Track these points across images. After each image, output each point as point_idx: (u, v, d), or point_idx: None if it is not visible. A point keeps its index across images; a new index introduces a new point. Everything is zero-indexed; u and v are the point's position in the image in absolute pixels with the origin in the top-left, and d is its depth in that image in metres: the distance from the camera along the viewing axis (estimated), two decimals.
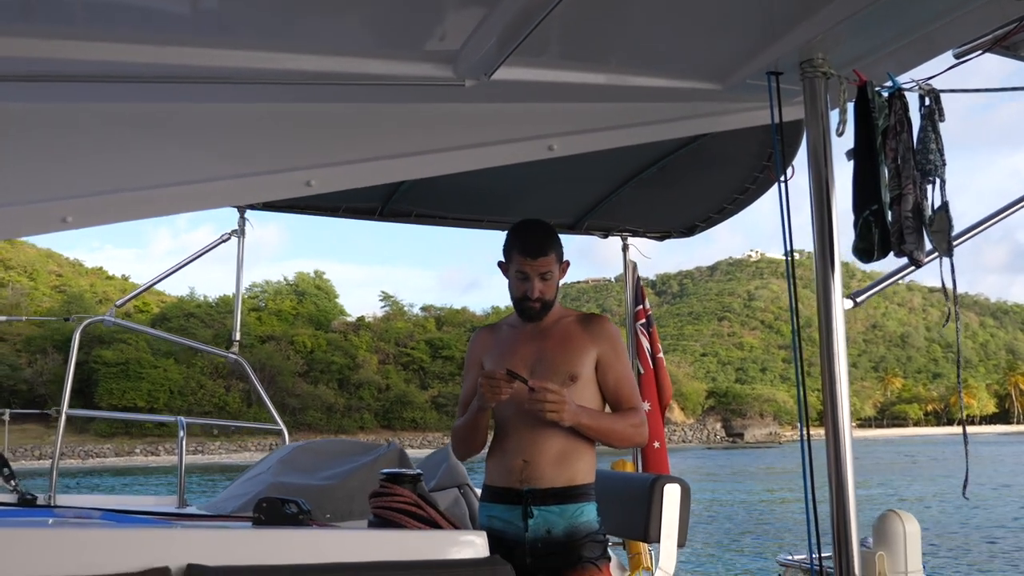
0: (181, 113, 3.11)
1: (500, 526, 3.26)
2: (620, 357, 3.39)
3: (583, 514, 3.23)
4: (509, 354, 3.35)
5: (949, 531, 23.47)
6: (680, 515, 4.51)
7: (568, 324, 3.39)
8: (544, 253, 3.28)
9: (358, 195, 4.68)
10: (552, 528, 3.19)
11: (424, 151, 3.34)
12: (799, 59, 3.08)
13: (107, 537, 2.56)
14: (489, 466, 3.39)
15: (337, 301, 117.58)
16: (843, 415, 3.01)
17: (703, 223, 5.46)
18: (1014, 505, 29.83)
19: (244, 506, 3.55)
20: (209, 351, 6.53)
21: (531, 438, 3.24)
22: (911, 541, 3.31)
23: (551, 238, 3.33)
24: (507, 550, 3.19)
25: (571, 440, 3.25)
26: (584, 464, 3.29)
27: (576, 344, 3.33)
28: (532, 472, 3.22)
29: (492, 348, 3.46)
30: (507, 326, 3.50)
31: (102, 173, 3.01)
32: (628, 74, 3.22)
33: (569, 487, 3.23)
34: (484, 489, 3.38)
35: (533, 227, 3.37)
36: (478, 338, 3.57)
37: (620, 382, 3.35)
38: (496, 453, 3.36)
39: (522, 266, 3.28)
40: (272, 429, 5.42)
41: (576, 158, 3.54)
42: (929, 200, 3.00)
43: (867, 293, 3.43)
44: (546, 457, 3.23)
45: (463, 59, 2.92)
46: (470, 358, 3.56)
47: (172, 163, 3.10)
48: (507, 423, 3.32)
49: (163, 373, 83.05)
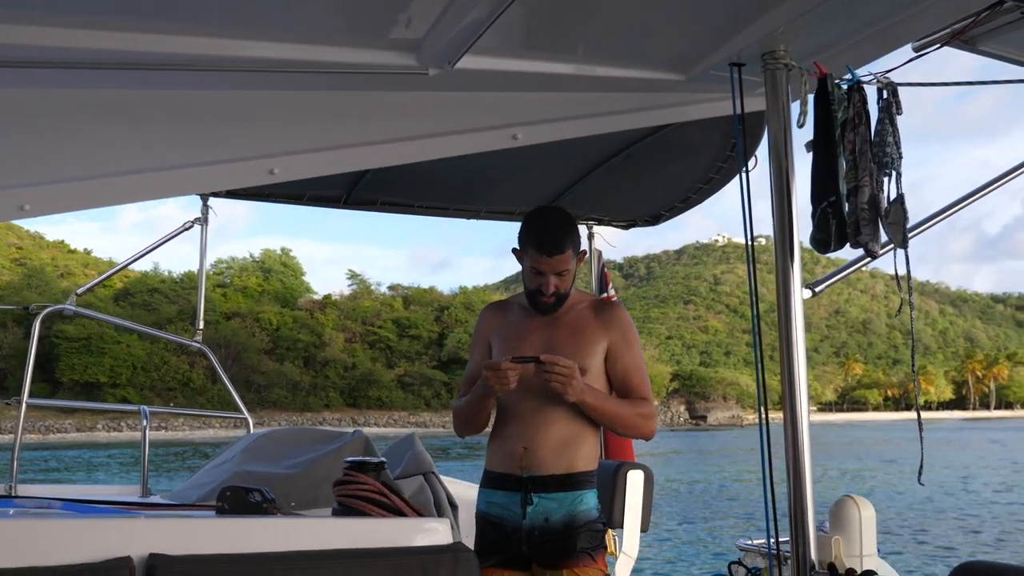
0: (142, 100, 3.07)
1: (499, 512, 3.24)
2: (631, 347, 3.32)
3: (582, 502, 3.21)
4: (517, 341, 3.27)
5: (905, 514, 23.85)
6: (643, 501, 4.57)
7: (581, 312, 3.31)
8: (561, 250, 3.17)
9: (323, 183, 4.66)
10: (550, 516, 3.17)
11: (388, 140, 3.33)
12: (761, 51, 3.10)
13: (69, 527, 2.56)
14: (490, 451, 3.35)
15: (304, 279, 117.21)
16: (801, 403, 3.05)
17: (668, 212, 5.48)
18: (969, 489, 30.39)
19: (208, 495, 3.54)
20: (173, 340, 6.49)
21: (533, 424, 3.20)
22: (866, 525, 3.37)
23: (569, 232, 3.23)
24: (504, 536, 3.21)
25: (574, 426, 3.21)
26: (586, 451, 3.25)
27: (587, 335, 3.27)
28: (533, 459, 3.18)
29: (501, 329, 3.38)
30: (518, 306, 3.39)
31: (61, 161, 2.98)
32: (592, 64, 3.22)
33: (569, 474, 3.20)
34: (484, 475, 3.34)
35: (550, 221, 3.26)
36: (487, 316, 3.48)
37: (629, 372, 3.29)
38: (497, 438, 3.31)
39: (537, 263, 3.18)
40: (236, 416, 5.39)
41: (541, 147, 3.55)
42: (885, 192, 3.03)
43: (825, 283, 3.48)
44: (548, 444, 3.19)
45: (427, 47, 2.91)
46: (478, 336, 3.47)
47: (133, 151, 3.08)
48: (509, 408, 3.27)
49: (126, 349, 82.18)
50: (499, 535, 3.22)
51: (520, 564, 3.20)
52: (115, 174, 3.02)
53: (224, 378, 5.55)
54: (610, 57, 3.22)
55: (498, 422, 3.34)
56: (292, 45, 2.86)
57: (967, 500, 27.48)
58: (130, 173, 3.04)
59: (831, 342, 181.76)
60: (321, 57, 2.91)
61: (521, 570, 3.21)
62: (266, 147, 3.19)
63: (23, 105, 2.96)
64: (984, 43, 3.07)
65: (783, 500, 3.06)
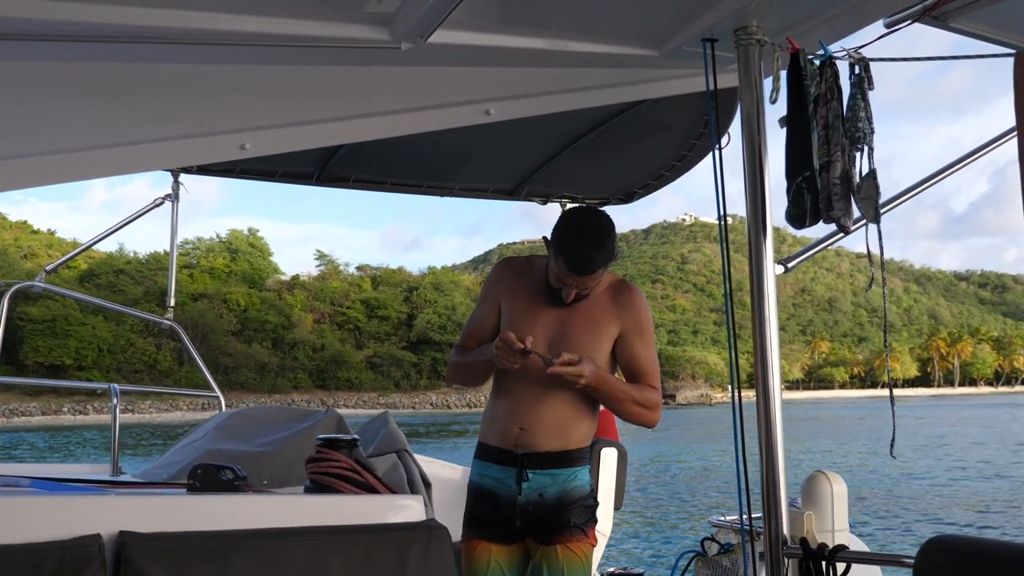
0: (110, 73, 3.02)
1: (492, 485, 3.22)
2: (643, 334, 3.25)
3: (576, 478, 3.21)
4: (531, 320, 3.18)
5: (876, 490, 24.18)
6: (617, 478, 4.60)
7: (598, 296, 3.22)
8: (590, 271, 3.07)
9: (295, 159, 4.62)
10: (544, 492, 3.17)
11: (360, 115, 3.30)
12: (734, 26, 3.10)
13: (37, 505, 2.54)
14: (485, 425, 3.32)
15: (271, 259, 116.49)
16: (773, 378, 3.06)
17: (641, 190, 5.49)
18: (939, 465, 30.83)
19: (179, 473, 3.51)
20: (143, 317, 6.41)
21: (531, 406, 3.18)
22: (838, 501, 3.40)
23: (603, 251, 3.07)
24: (496, 509, 3.20)
25: (571, 409, 3.19)
26: (582, 430, 3.24)
27: (601, 322, 3.20)
28: (529, 439, 3.16)
29: (515, 294, 3.28)
30: (538, 276, 3.25)
31: (28, 135, 2.92)
32: (565, 39, 3.20)
33: (564, 451, 3.19)
34: (479, 447, 3.31)
35: (587, 236, 3.09)
36: (504, 273, 3.38)
37: (639, 360, 3.24)
38: (493, 415, 3.28)
39: (564, 277, 3.08)
40: (208, 395, 5.35)
41: (515, 124, 3.53)
42: (857, 167, 3.04)
43: (798, 259, 3.49)
44: (544, 427, 3.17)
45: (399, 21, 2.88)
46: (490, 290, 3.37)
47: (101, 125, 3.03)
48: (508, 387, 3.23)
49: (92, 331, 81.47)
50: (492, 508, 3.22)
51: (513, 538, 3.20)
52: (83, 148, 2.96)
53: (195, 356, 5.51)
54: (583, 32, 3.20)
55: (495, 395, 3.31)
56: (264, 18, 2.81)
57: (943, 477, 27.90)
58: (98, 148, 2.98)
59: (797, 320, 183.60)
60: (293, 31, 2.86)
61: (513, 543, 3.21)
62: (237, 122, 3.15)
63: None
64: (955, 19, 3.07)
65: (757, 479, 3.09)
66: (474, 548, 3.22)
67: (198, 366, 5.40)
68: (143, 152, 3.05)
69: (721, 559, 3.98)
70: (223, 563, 2.51)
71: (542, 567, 3.15)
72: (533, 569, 3.21)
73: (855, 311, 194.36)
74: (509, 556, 3.22)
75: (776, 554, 3.07)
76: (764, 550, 3.13)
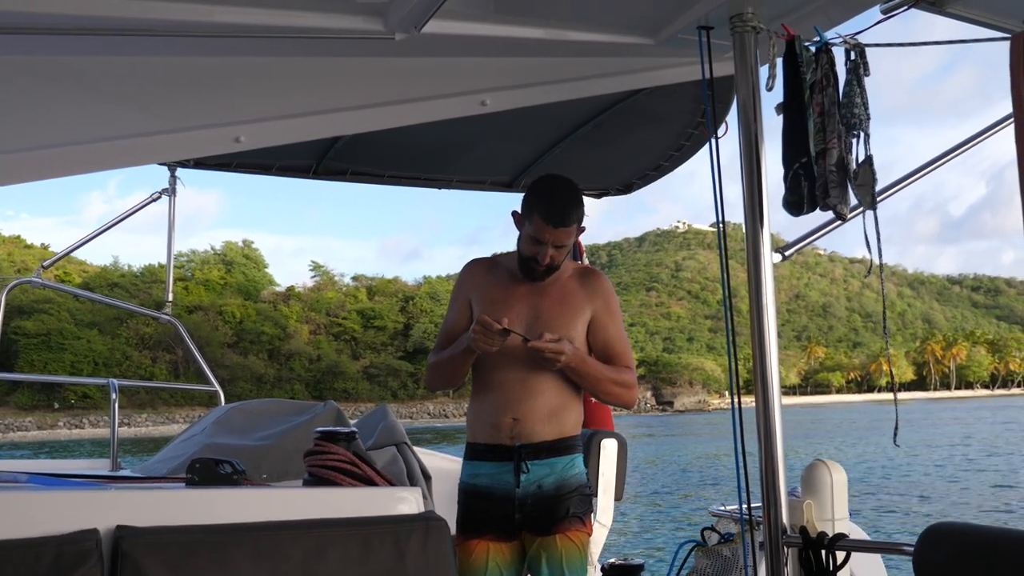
0: (105, 66, 3.01)
1: (487, 482, 3.21)
2: (614, 316, 3.31)
3: (573, 466, 3.21)
4: (503, 307, 3.20)
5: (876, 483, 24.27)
6: (617, 469, 4.58)
7: (566, 281, 3.29)
8: (567, 224, 3.13)
9: (291, 152, 4.61)
10: (542, 483, 3.16)
11: (354, 106, 3.30)
12: (729, 13, 3.09)
13: (34, 500, 2.52)
14: (472, 423, 3.31)
15: (266, 271, 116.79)
16: (772, 366, 3.06)
17: (640, 180, 5.46)
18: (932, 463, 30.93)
19: (178, 468, 3.50)
20: (141, 312, 6.45)
21: (520, 395, 3.18)
22: (838, 489, 3.38)
23: (577, 206, 3.18)
24: (493, 505, 3.19)
25: (560, 395, 3.21)
26: (573, 417, 3.25)
27: (573, 304, 3.25)
28: (523, 428, 3.16)
29: (485, 289, 3.33)
30: (505, 268, 3.35)
31: (22, 130, 2.91)
32: (560, 28, 3.20)
33: (559, 439, 3.20)
34: (468, 448, 3.31)
35: (560, 192, 3.19)
36: (472, 271, 3.42)
37: (612, 341, 3.28)
38: (481, 410, 3.27)
39: (540, 232, 3.13)
40: (207, 390, 5.35)
41: (512, 115, 3.53)
42: (854, 154, 3.04)
43: (794, 247, 3.48)
44: (537, 414, 3.17)
45: (393, 12, 2.87)
46: (459, 291, 3.42)
47: (96, 118, 3.02)
48: (493, 378, 3.24)
49: (86, 344, 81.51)
50: (487, 506, 3.20)
51: (510, 534, 3.19)
52: (77, 143, 2.95)
53: (194, 350, 5.51)
54: (578, 21, 3.20)
55: (480, 392, 3.30)
56: (258, 10, 2.80)
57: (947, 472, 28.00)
58: (93, 142, 2.97)
59: (792, 326, 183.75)
60: (286, 22, 2.86)
61: (511, 540, 3.20)
62: (232, 114, 3.15)
63: None
64: (951, 4, 3.07)
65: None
66: (471, 549, 3.20)
67: (198, 363, 5.39)
68: (137, 146, 3.04)
69: (721, 549, 3.97)
70: (221, 557, 2.50)
71: (540, 558, 3.15)
72: (530, 562, 3.20)
73: (849, 316, 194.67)
74: (507, 553, 3.20)
75: (776, 543, 3.06)
76: (764, 539, 3.12)
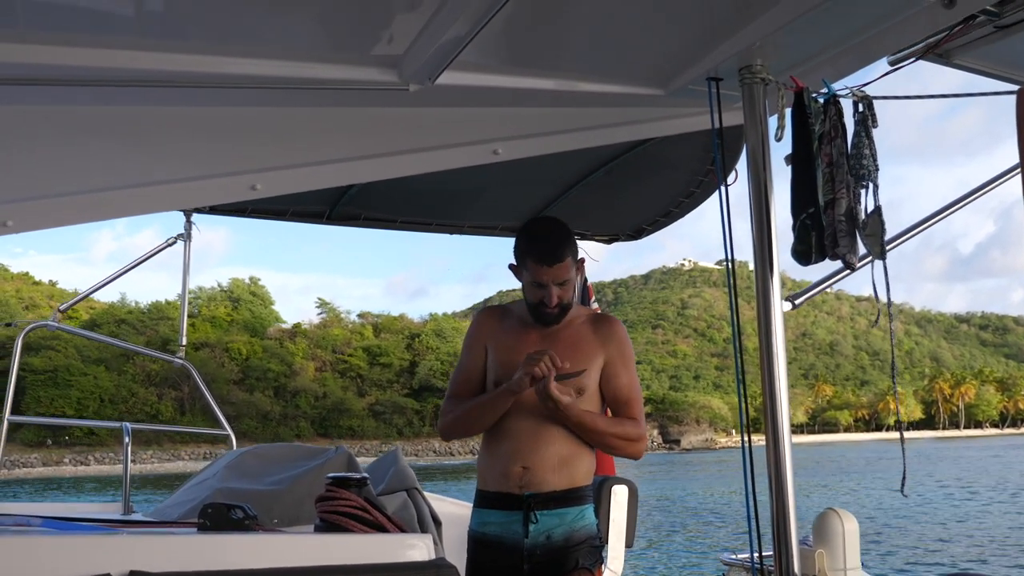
0: (125, 116, 3.07)
1: (496, 531, 3.19)
2: (627, 364, 3.28)
3: (583, 517, 3.19)
4: (517, 353, 3.16)
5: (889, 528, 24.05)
6: (628, 516, 4.56)
7: (579, 327, 3.27)
8: (560, 259, 3.13)
9: (305, 199, 4.66)
10: (552, 534, 3.14)
11: (369, 155, 3.34)
12: (738, 65, 3.12)
13: (47, 544, 2.52)
14: (482, 471, 3.30)
15: (273, 308, 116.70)
16: (782, 414, 3.05)
17: (650, 226, 5.49)
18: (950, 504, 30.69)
19: (190, 512, 3.51)
20: (155, 355, 6.48)
21: (531, 444, 3.16)
22: (850, 539, 3.38)
23: (566, 240, 3.18)
24: (502, 555, 3.17)
25: (571, 444, 3.18)
26: (584, 467, 3.23)
27: (585, 351, 3.22)
28: (533, 478, 3.14)
29: (498, 337, 3.32)
30: (516, 317, 3.34)
31: (44, 177, 2.96)
32: (571, 79, 3.24)
33: (570, 489, 3.18)
34: (477, 495, 3.30)
35: (546, 230, 3.21)
36: (484, 320, 3.42)
37: (624, 389, 3.25)
38: (491, 458, 3.25)
39: (538, 275, 3.13)
40: (218, 435, 5.36)
41: (524, 162, 3.56)
42: (862, 204, 3.06)
43: (804, 296, 3.50)
44: (547, 463, 3.15)
45: (407, 63, 2.92)
46: (473, 339, 3.39)
47: (116, 166, 3.07)
48: (504, 426, 3.21)
49: (93, 381, 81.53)
50: (496, 555, 3.19)
51: None
52: (97, 190, 3.01)
53: (206, 393, 5.52)
54: (589, 72, 3.24)
55: (490, 439, 3.28)
56: (274, 61, 2.85)
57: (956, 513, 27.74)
58: (112, 189, 3.03)
59: (799, 364, 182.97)
60: (302, 73, 2.90)
61: None
62: (248, 163, 3.19)
63: (4, 122, 2.95)
64: (959, 56, 3.11)
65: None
66: None
67: (210, 407, 5.41)
68: (157, 193, 3.09)
69: None
70: None
71: None
72: None
73: (857, 354, 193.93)
74: None
75: None
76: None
